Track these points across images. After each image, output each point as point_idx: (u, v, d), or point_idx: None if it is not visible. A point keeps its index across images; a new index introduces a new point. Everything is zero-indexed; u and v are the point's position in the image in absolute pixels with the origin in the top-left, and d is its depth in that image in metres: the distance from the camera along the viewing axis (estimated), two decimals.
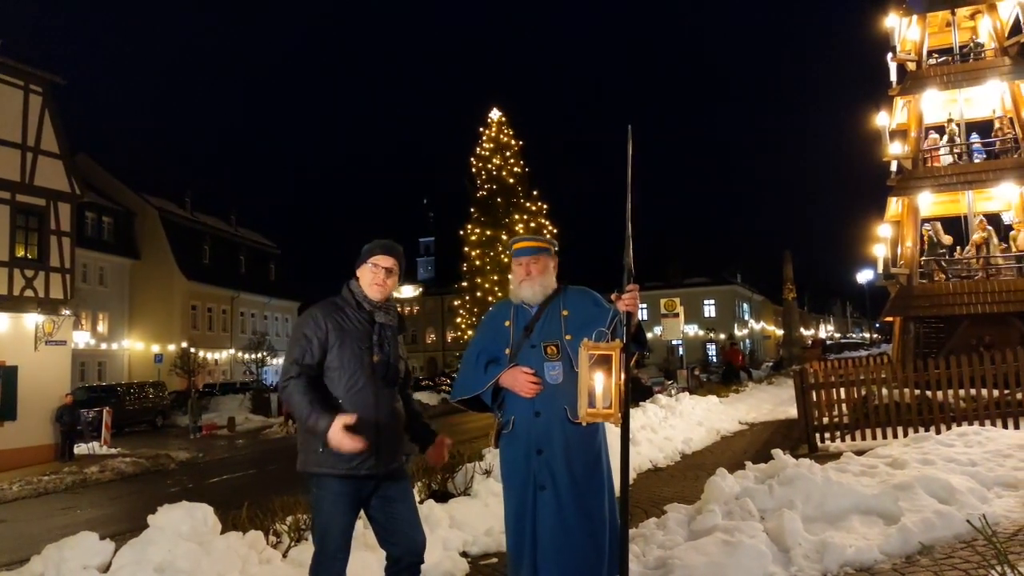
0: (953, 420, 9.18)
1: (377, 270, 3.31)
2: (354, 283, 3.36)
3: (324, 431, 3.02)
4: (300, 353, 3.18)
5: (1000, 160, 15.02)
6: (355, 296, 3.32)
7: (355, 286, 3.35)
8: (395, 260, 3.36)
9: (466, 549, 5.31)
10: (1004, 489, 5.39)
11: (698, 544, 4.45)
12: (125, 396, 27.86)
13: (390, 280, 3.34)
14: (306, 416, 3.07)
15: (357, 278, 3.37)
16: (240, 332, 46.04)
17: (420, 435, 3.51)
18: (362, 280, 3.34)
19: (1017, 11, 14.69)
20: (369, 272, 3.32)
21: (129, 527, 7.88)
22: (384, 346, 3.28)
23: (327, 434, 3.01)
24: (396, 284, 3.40)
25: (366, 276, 3.33)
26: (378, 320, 3.30)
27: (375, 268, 3.32)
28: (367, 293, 3.31)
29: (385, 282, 3.32)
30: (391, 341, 3.33)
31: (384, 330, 3.31)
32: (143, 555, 4.04)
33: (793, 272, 35.16)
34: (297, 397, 3.10)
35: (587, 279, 4.07)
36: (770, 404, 17.94)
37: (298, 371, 3.15)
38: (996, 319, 14.02)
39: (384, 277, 3.32)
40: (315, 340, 3.18)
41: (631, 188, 3.31)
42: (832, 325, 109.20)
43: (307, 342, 3.19)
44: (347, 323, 3.24)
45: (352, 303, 3.31)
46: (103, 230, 38.34)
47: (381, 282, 3.31)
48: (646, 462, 9.18)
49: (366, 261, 3.34)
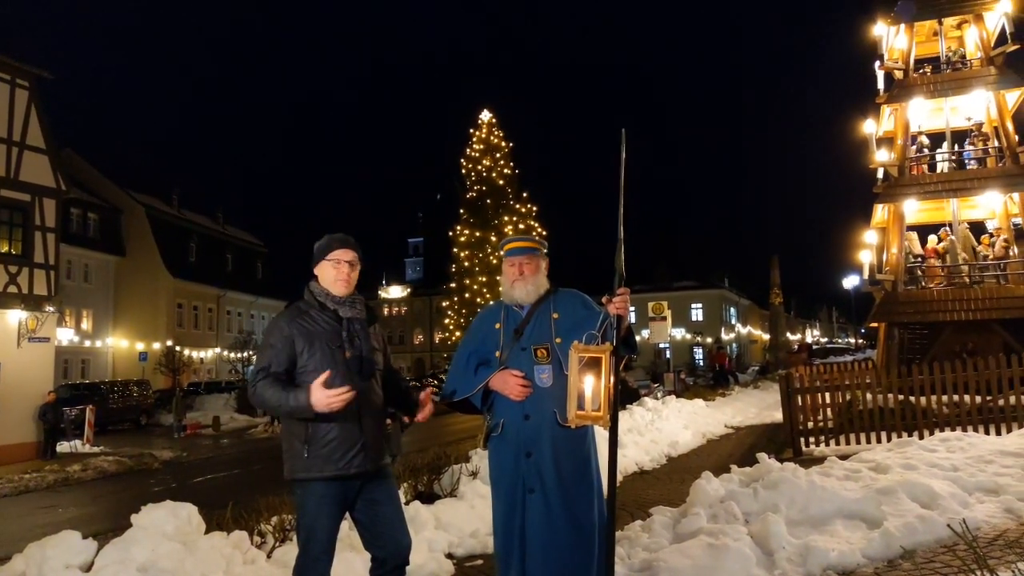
0: (936, 426, 9.25)
1: (340, 265, 3.29)
2: (313, 284, 3.33)
3: (307, 403, 2.99)
4: (267, 361, 3.17)
5: (985, 169, 15.17)
6: (316, 297, 3.29)
7: (315, 286, 3.32)
8: (355, 252, 3.34)
9: (452, 551, 5.30)
10: (985, 494, 5.44)
11: (683, 547, 4.46)
12: (109, 394, 27.65)
13: (354, 273, 3.32)
14: (283, 400, 3.04)
15: (316, 277, 3.34)
16: (226, 331, 45.80)
17: (406, 404, 3.49)
18: (323, 278, 3.32)
19: (1003, 22, 14.84)
20: (331, 269, 3.29)
21: (112, 526, 7.82)
22: (355, 341, 3.26)
23: (311, 402, 2.98)
24: (357, 275, 3.38)
25: (327, 273, 3.30)
26: (344, 316, 3.27)
27: (338, 264, 3.29)
28: (331, 290, 3.28)
29: (349, 276, 3.30)
30: (361, 334, 3.30)
31: (353, 324, 3.29)
32: (126, 554, 4.02)
33: (780, 277, 35.27)
34: (268, 392, 3.08)
35: (576, 282, 4.08)
36: (756, 408, 18.01)
37: (264, 376, 3.13)
38: (979, 326, 14.16)
39: (348, 271, 3.29)
40: (281, 348, 3.16)
41: (623, 192, 3.32)
42: (818, 330, 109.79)
43: (273, 350, 3.17)
44: (313, 325, 3.21)
45: (315, 304, 3.28)
46: (88, 226, 38.03)
47: (346, 277, 3.29)
48: (632, 465, 9.20)
49: (324, 258, 3.31)
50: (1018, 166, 14.52)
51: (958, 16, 15.78)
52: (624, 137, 3.37)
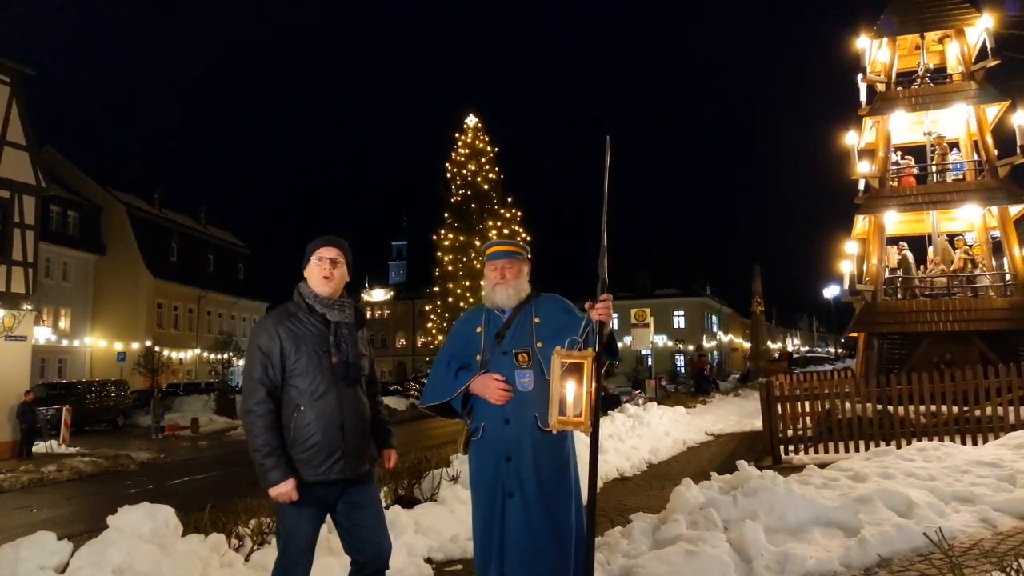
0: (913, 435, 9.34)
1: (323, 262, 3.28)
2: (303, 285, 3.32)
3: (272, 483, 3.02)
4: (261, 371, 3.13)
5: (965, 182, 15.36)
6: (305, 299, 3.28)
7: (304, 288, 3.31)
8: (339, 250, 3.33)
9: (431, 555, 5.29)
10: (961, 504, 5.49)
11: (662, 553, 4.48)
12: (86, 394, 27.30)
13: (337, 271, 3.30)
14: (262, 457, 3.04)
15: (305, 279, 3.33)
16: (207, 332, 45.40)
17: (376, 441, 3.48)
18: (310, 278, 3.31)
19: (984, 37, 15.04)
20: (315, 267, 3.29)
21: (87, 528, 7.73)
22: (342, 346, 3.24)
23: (273, 486, 3.02)
24: (345, 276, 3.36)
25: (313, 273, 3.30)
26: (332, 319, 3.26)
27: (320, 261, 3.29)
28: (316, 289, 3.28)
29: (332, 272, 3.28)
30: (349, 339, 3.28)
31: (340, 329, 3.27)
32: (102, 556, 3.97)
33: (761, 286, 35.61)
34: (260, 432, 3.07)
35: (559, 287, 4.08)
36: (736, 416, 18.10)
37: (263, 394, 3.10)
38: (957, 337, 14.31)
39: (330, 268, 3.28)
40: (273, 353, 3.14)
41: (607, 199, 3.33)
42: (799, 339, 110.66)
43: (265, 357, 3.14)
44: (300, 328, 3.20)
45: (303, 307, 3.26)
46: (68, 224, 37.58)
47: (328, 273, 3.27)
48: (613, 471, 9.22)
49: (310, 258, 3.32)
50: (997, 180, 14.70)
51: (940, 31, 15.98)
52: (608, 144, 3.38)
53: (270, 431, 3.07)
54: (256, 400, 3.10)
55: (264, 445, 3.05)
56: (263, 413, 3.09)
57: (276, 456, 3.04)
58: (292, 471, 3.04)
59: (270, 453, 3.04)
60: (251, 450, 3.09)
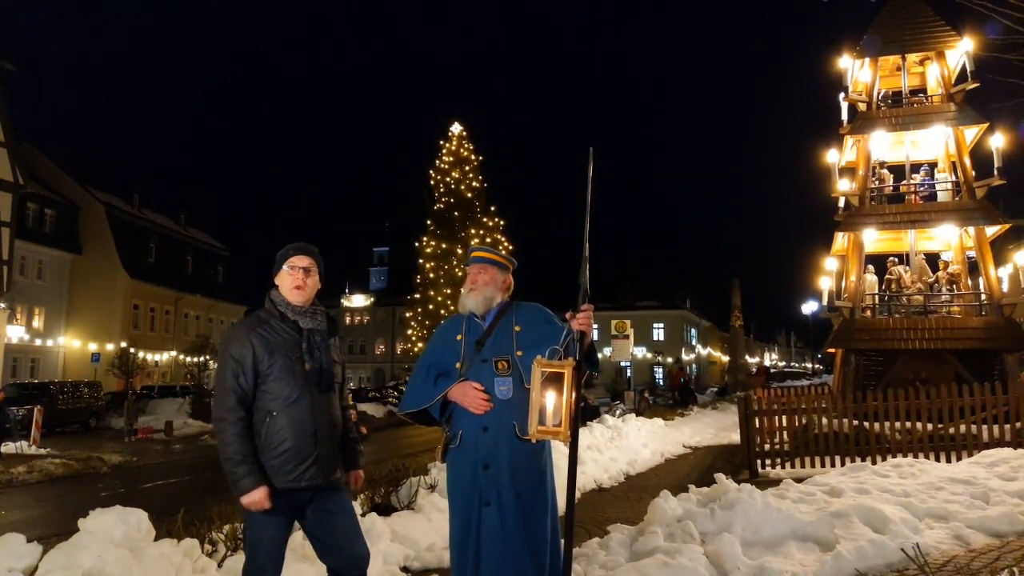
0: (889, 451, 9.42)
1: (295, 271, 3.26)
2: (274, 292, 3.30)
3: (244, 491, 3.00)
4: (232, 379, 3.10)
5: (943, 202, 15.57)
6: (277, 306, 3.26)
7: (276, 295, 3.29)
8: (311, 259, 3.31)
9: (407, 564, 5.24)
10: (935, 520, 5.54)
11: (639, 565, 4.47)
12: (58, 395, 26.87)
13: (310, 280, 3.28)
14: (235, 465, 3.01)
15: (276, 286, 3.31)
16: (183, 334, 44.96)
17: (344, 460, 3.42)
18: (281, 286, 3.29)
19: (964, 60, 15.28)
20: (287, 275, 3.27)
21: (58, 531, 7.56)
22: (315, 352, 3.22)
23: (245, 494, 3.00)
24: (317, 284, 3.34)
25: (285, 281, 3.28)
26: (304, 327, 3.24)
27: (292, 270, 3.26)
28: (288, 298, 3.26)
29: (305, 282, 3.26)
30: (322, 346, 3.26)
31: (313, 336, 3.25)
32: (72, 559, 3.90)
33: (741, 300, 35.75)
34: (232, 440, 3.04)
35: (540, 296, 4.08)
36: (714, 429, 18.18)
37: (234, 401, 3.08)
38: (932, 355, 14.47)
39: (303, 277, 3.26)
40: (245, 360, 3.11)
41: (589, 210, 3.34)
42: (777, 354, 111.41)
43: (237, 364, 3.12)
44: (273, 335, 3.17)
45: (275, 314, 3.24)
46: (45, 222, 37.13)
47: (301, 283, 3.25)
48: (591, 482, 9.21)
49: (282, 266, 3.29)
50: (974, 201, 14.92)
51: (921, 52, 16.22)
52: (592, 156, 3.39)
53: (242, 439, 3.05)
54: (227, 407, 3.07)
55: (236, 453, 3.02)
56: (235, 420, 3.06)
57: (248, 464, 3.02)
58: (264, 479, 3.02)
59: (242, 461, 3.02)
60: (223, 458, 3.06)
